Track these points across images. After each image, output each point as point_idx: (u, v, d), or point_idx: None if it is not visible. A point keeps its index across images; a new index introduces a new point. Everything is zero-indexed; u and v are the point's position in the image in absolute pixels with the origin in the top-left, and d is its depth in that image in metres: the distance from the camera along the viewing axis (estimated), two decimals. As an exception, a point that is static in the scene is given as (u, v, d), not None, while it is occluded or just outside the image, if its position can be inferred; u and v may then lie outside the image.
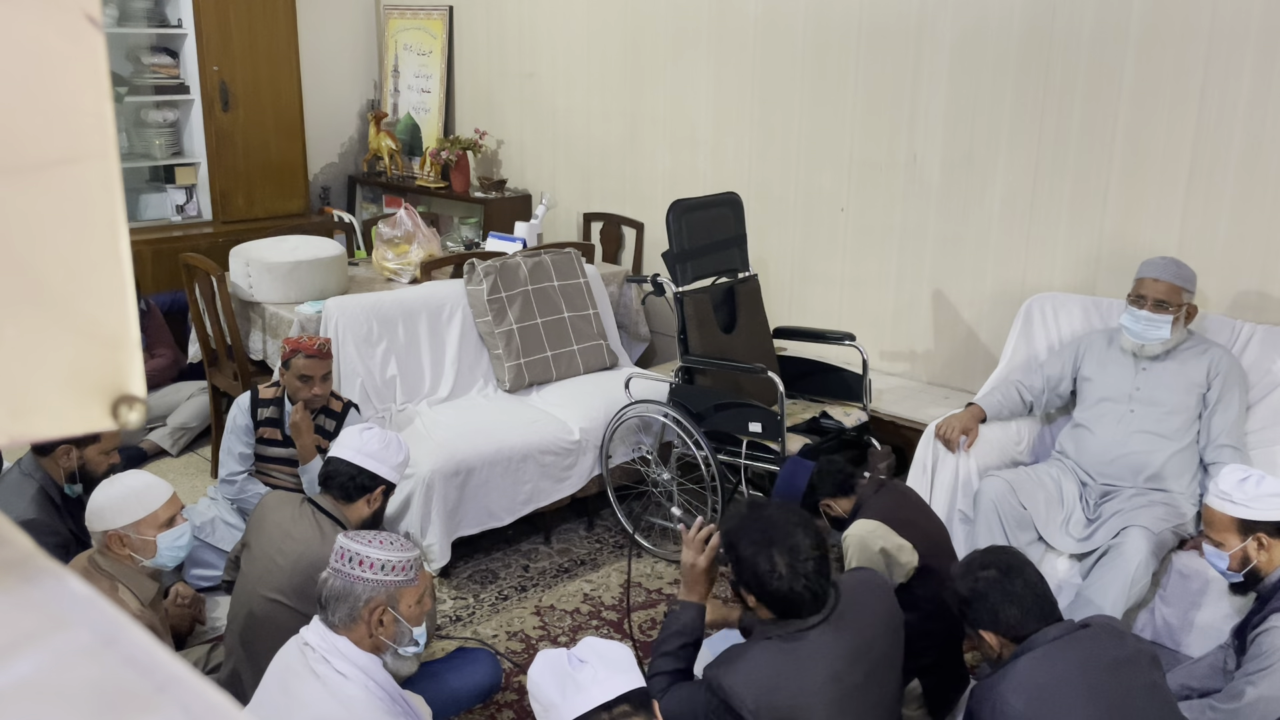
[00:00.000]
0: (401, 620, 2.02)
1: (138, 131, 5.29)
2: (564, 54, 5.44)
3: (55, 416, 0.44)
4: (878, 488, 2.77)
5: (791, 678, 1.95)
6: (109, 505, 2.48)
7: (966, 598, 2.10)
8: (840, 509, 2.76)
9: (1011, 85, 3.78)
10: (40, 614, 0.41)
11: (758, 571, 2.00)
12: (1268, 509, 2.38)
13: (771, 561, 1.99)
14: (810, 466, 2.81)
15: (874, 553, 2.54)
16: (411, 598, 2.04)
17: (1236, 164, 3.31)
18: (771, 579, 1.99)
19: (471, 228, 5.28)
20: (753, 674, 1.95)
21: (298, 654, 1.98)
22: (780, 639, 2.02)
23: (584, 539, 3.97)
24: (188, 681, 0.40)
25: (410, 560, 2.04)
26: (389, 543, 2.05)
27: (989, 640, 2.06)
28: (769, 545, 2.01)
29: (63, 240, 0.43)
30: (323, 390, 3.33)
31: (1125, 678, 1.94)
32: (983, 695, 1.96)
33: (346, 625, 1.98)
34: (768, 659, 1.98)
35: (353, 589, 1.98)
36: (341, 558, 2.02)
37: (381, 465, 2.64)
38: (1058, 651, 1.96)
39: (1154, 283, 3.09)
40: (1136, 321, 3.11)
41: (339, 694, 1.91)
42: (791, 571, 1.99)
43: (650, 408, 3.76)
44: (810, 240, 4.53)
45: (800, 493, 2.78)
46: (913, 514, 2.69)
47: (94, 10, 0.43)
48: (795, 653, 1.98)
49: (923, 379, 4.25)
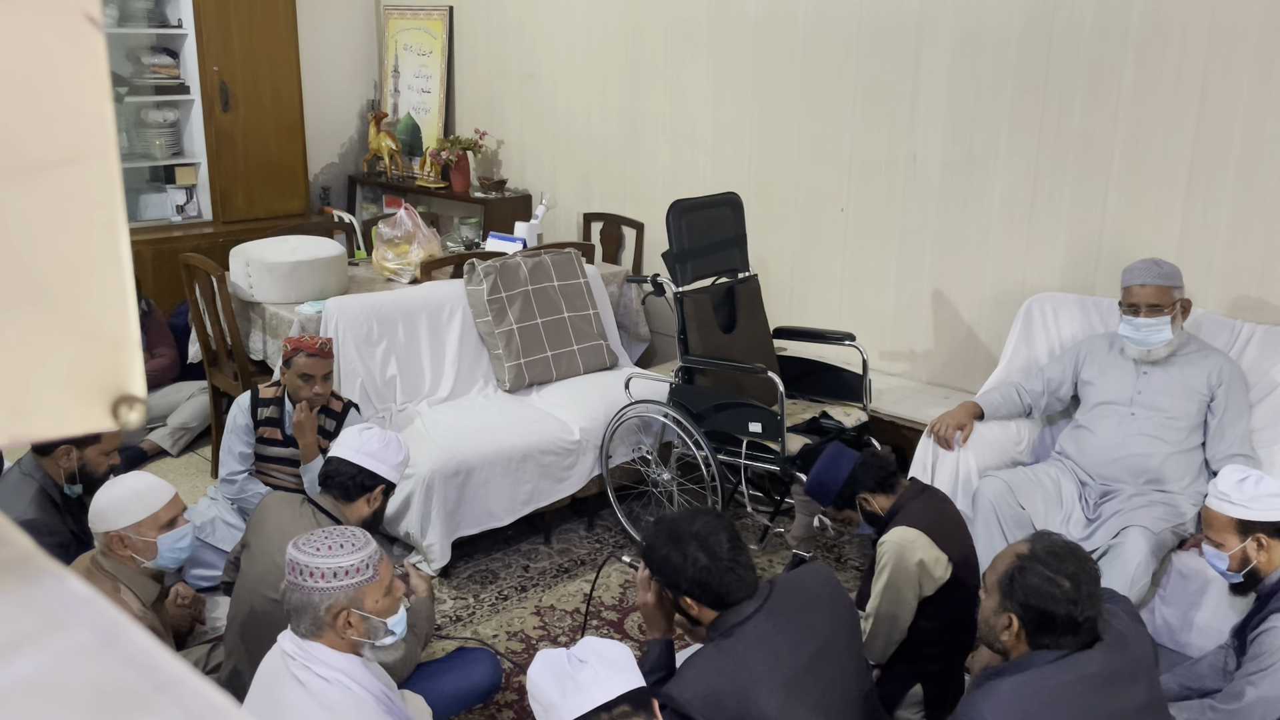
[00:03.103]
0: (370, 617, 1.98)
1: (138, 131, 5.29)
2: (564, 54, 5.44)
3: (55, 417, 0.44)
4: (918, 492, 2.72)
5: (732, 673, 1.96)
6: (111, 506, 2.48)
7: (1030, 585, 1.96)
8: (878, 505, 2.72)
9: (1011, 85, 3.78)
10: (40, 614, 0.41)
11: (680, 568, 2.06)
12: (1267, 509, 2.38)
13: (685, 553, 2.06)
14: (854, 456, 2.77)
15: (911, 563, 2.50)
16: (376, 593, 1.99)
17: (1236, 164, 3.31)
18: (693, 569, 2.04)
19: (471, 228, 5.28)
20: (697, 679, 1.97)
21: (280, 662, 1.97)
22: (717, 640, 2.04)
23: (584, 539, 3.97)
24: (188, 681, 0.40)
25: (364, 560, 1.98)
26: (338, 546, 1.97)
27: (1014, 629, 1.99)
28: (679, 542, 2.07)
29: (63, 241, 0.43)
30: (324, 389, 3.33)
31: (1117, 699, 1.90)
32: (965, 709, 1.94)
33: (314, 634, 1.95)
34: (707, 661, 2.01)
35: (310, 599, 1.93)
36: (293, 570, 1.96)
37: (381, 465, 2.64)
38: (1051, 671, 1.90)
39: (1141, 289, 3.08)
40: (1136, 330, 3.10)
41: (323, 699, 1.90)
42: (709, 555, 2.04)
43: (650, 408, 3.76)
44: (810, 240, 4.53)
45: (841, 481, 2.74)
46: (949, 526, 2.64)
47: (94, 10, 0.43)
48: (732, 649, 2.00)
49: (923, 379, 4.25)
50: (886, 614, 2.56)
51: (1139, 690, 1.94)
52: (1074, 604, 1.91)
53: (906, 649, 2.61)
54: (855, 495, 2.75)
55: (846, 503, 2.77)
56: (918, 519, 2.58)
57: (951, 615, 2.56)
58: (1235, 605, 2.62)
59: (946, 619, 2.56)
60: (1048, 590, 1.93)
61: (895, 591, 2.52)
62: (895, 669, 2.64)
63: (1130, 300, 3.11)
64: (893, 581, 2.52)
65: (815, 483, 2.81)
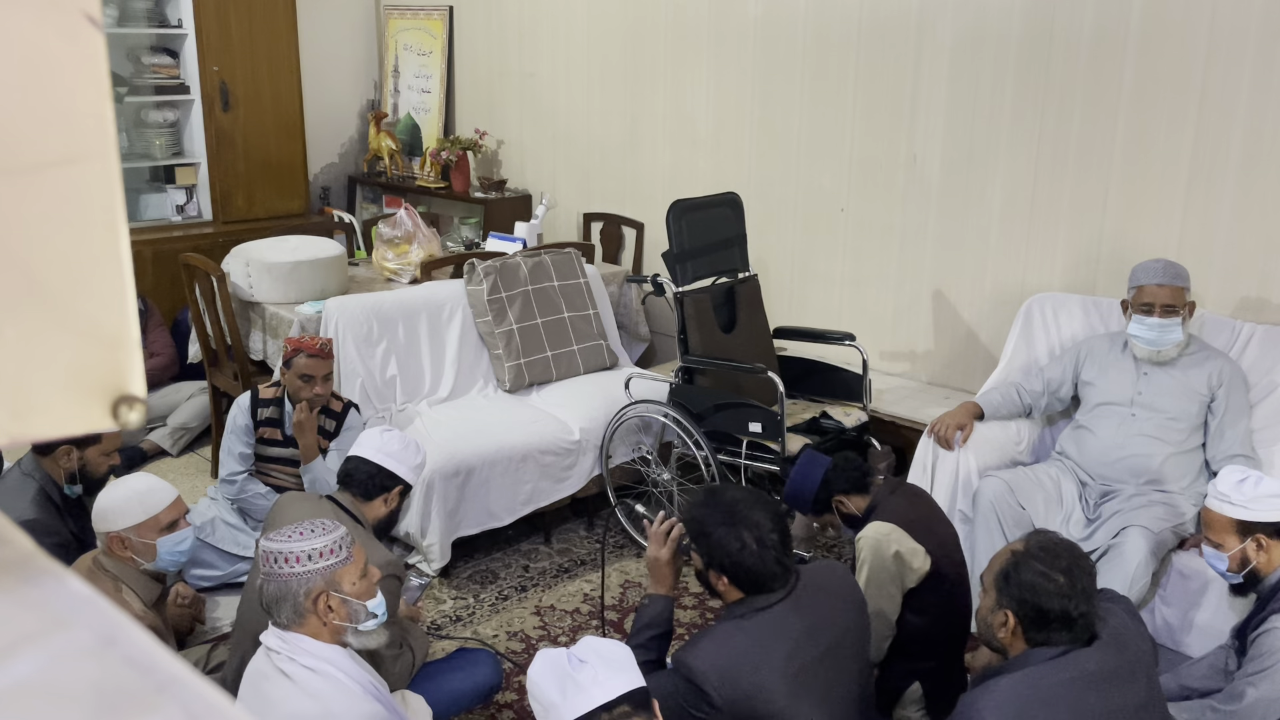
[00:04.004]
0: (349, 599, 1.99)
1: (138, 131, 5.29)
2: (564, 54, 5.44)
3: (56, 417, 0.44)
4: (893, 489, 2.74)
5: (751, 654, 2.00)
6: (112, 507, 2.48)
7: (1024, 581, 1.97)
8: (854, 506, 2.74)
9: (1011, 85, 3.78)
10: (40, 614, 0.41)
11: (729, 550, 2.08)
12: (1266, 510, 2.38)
13: (740, 539, 2.08)
14: (826, 461, 2.79)
15: (888, 556, 2.53)
16: (352, 575, 2.00)
17: (1236, 164, 3.31)
18: (744, 555, 2.07)
19: (471, 228, 5.28)
20: (716, 652, 2.01)
21: (265, 658, 1.97)
22: (741, 617, 2.07)
23: (584, 539, 3.97)
24: (188, 681, 0.40)
25: (336, 541, 2.00)
26: (309, 531, 2.00)
27: (1010, 626, 2.01)
28: (735, 524, 2.10)
29: (63, 240, 0.43)
30: (324, 390, 3.34)
31: (1116, 697, 1.90)
32: (964, 708, 1.94)
33: (296, 622, 1.96)
34: (729, 637, 2.04)
35: (288, 587, 1.95)
36: (267, 561, 1.97)
37: (400, 465, 2.66)
38: (1049, 669, 1.91)
39: (1158, 289, 3.07)
40: (1150, 330, 3.08)
41: (309, 688, 1.90)
42: (760, 545, 2.07)
43: (650, 408, 3.76)
44: (810, 240, 4.53)
45: (815, 486, 2.77)
46: (927, 518, 2.67)
47: (94, 10, 0.43)
48: (756, 630, 2.04)
49: (923, 379, 4.25)
50: (873, 610, 2.57)
51: (1138, 689, 1.94)
52: (1068, 599, 1.93)
53: (899, 645, 2.62)
54: (831, 499, 2.77)
55: (824, 507, 2.80)
56: (892, 514, 2.61)
57: (938, 607, 2.57)
58: (1235, 605, 2.63)
59: (934, 612, 2.57)
60: (1042, 585, 1.94)
61: (877, 586, 2.54)
62: (892, 667, 2.64)
63: (1144, 300, 3.09)
64: (873, 576, 2.54)
65: (791, 492, 2.84)
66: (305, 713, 1.88)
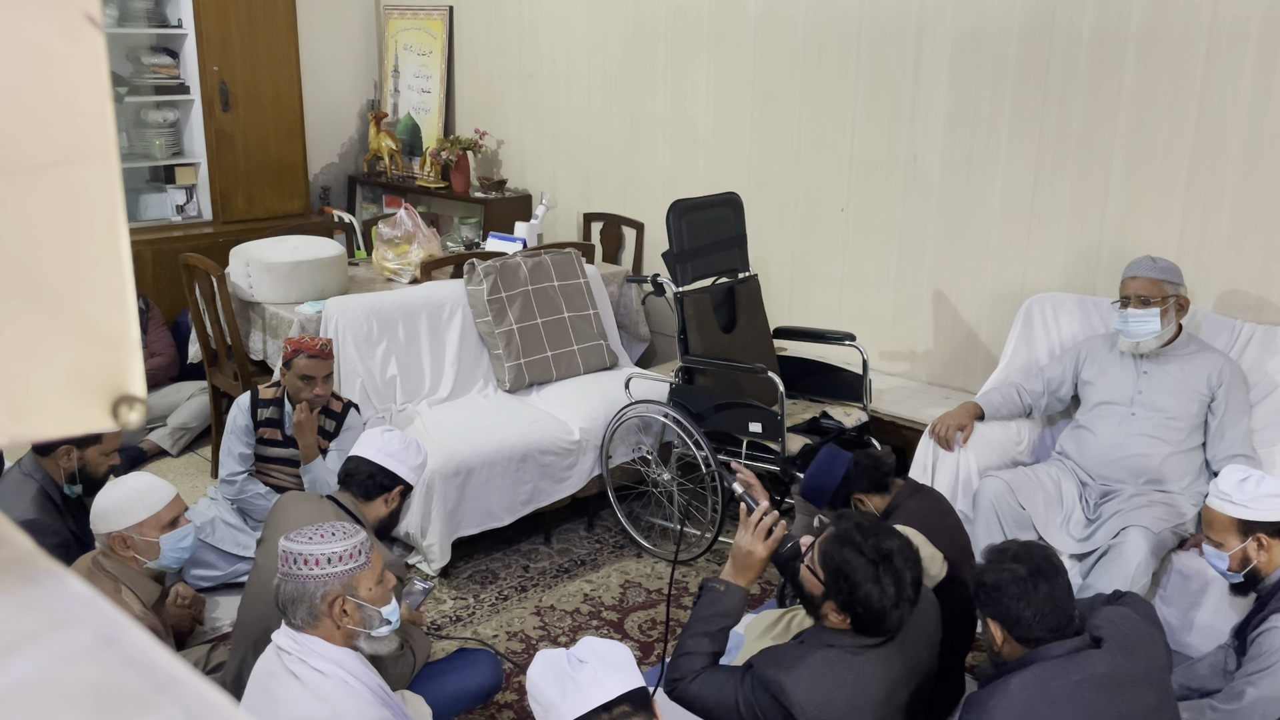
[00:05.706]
0: (365, 605, 1.99)
1: (138, 131, 5.29)
2: (564, 54, 5.44)
3: (56, 417, 0.44)
4: (914, 491, 2.72)
5: (849, 691, 1.96)
6: (112, 507, 2.48)
7: (985, 583, 2.05)
8: (873, 505, 2.72)
9: (1011, 85, 3.78)
10: (40, 614, 0.41)
11: (867, 592, 1.99)
12: (1267, 509, 2.38)
13: (881, 585, 1.98)
14: (848, 458, 2.75)
15: None
16: (369, 580, 2.01)
17: (1236, 164, 3.31)
18: (880, 600, 1.98)
19: (471, 228, 5.28)
20: (815, 681, 1.95)
21: (275, 658, 1.97)
22: (843, 650, 2.01)
23: (584, 539, 3.97)
24: (188, 681, 0.40)
25: (356, 546, 2.00)
26: (330, 534, 2.01)
27: (994, 631, 2.03)
28: (880, 561, 2.00)
29: (62, 240, 0.43)
30: (324, 390, 3.34)
31: (1126, 700, 1.90)
32: (973, 709, 1.94)
33: (311, 624, 1.96)
34: (831, 670, 1.98)
35: (305, 588, 1.95)
36: (287, 561, 1.98)
37: (401, 465, 2.66)
38: (1057, 670, 1.91)
39: (1132, 281, 3.13)
40: (1125, 321, 3.13)
41: (318, 691, 1.90)
42: (896, 590, 1.99)
43: (650, 408, 3.76)
44: (810, 240, 4.53)
45: (836, 483, 2.73)
46: (945, 523, 2.64)
47: (94, 10, 0.43)
48: (859, 668, 1.99)
49: (923, 379, 4.25)
50: None
51: (1149, 694, 1.94)
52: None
53: None
54: (850, 496, 2.74)
55: (842, 504, 2.76)
56: (914, 518, 2.57)
57: (949, 613, 2.56)
58: (1235, 605, 2.63)
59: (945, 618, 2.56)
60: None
61: None
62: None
63: (1123, 293, 3.16)
64: None
65: (810, 485, 2.80)
66: (314, 716, 1.88)
